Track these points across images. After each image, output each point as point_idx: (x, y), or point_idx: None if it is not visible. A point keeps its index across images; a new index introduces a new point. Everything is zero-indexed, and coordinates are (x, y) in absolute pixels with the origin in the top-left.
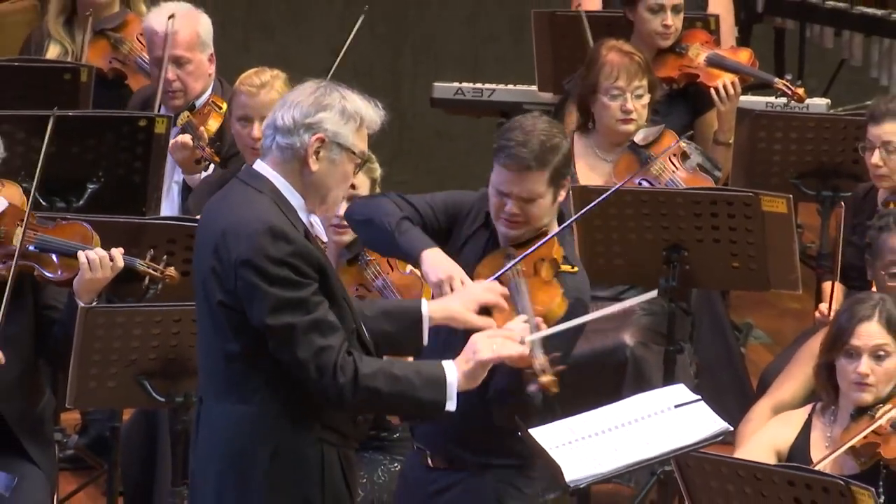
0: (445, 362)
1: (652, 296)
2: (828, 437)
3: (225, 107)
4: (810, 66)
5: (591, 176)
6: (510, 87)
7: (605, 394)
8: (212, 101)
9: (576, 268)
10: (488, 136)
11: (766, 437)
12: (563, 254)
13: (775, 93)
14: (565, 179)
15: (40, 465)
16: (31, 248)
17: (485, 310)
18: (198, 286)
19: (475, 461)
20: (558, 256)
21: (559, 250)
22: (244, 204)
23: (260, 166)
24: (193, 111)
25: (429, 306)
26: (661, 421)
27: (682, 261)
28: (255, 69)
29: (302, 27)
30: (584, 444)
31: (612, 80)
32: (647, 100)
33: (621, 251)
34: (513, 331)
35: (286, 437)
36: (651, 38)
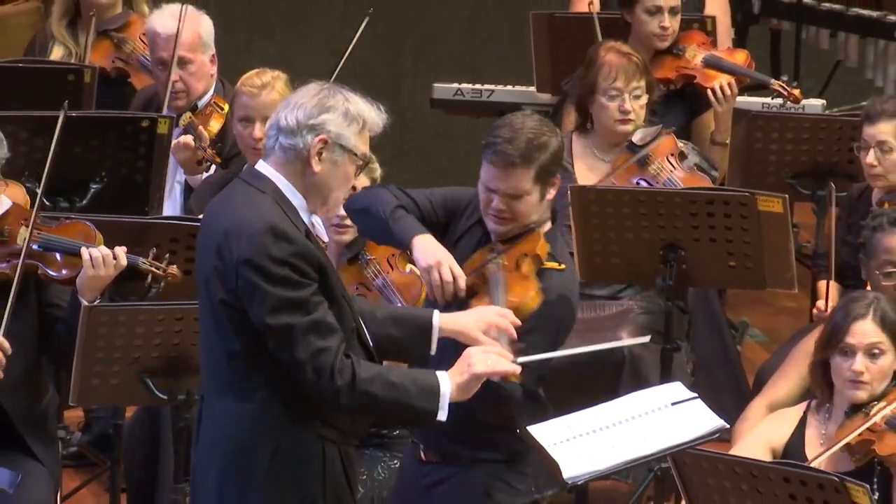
0: (440, 373)
1: (644, 340)
2: (823, 435)
3: (227, 107)
4: (806, 68)
5: (589, 176)
6: (509, 87)
7: (603, 391)
8: (214, 101)
9: (563, 265)
10: None
11: (761, 434)
12: (549, 251)
13: (771, 94)
14: (554, 177)
15: (44, 462)
16: (35, 247)
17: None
18: (200, 285)
19: (466, 455)
20: (542, 253)
21: (544, 247)
22: (246, 204)
23: (262, 167)
24: (195, 112)
25: (440, 318)
26: (658, 418)
27: (678, 260)
28: (256, 70)
29: (302, 28)
30: (581, 442)
31: (610, 81)
32: (644, 100)
33: (618, 250)
34: (504, 349)
35: (287, 435)
36: (648, 40)
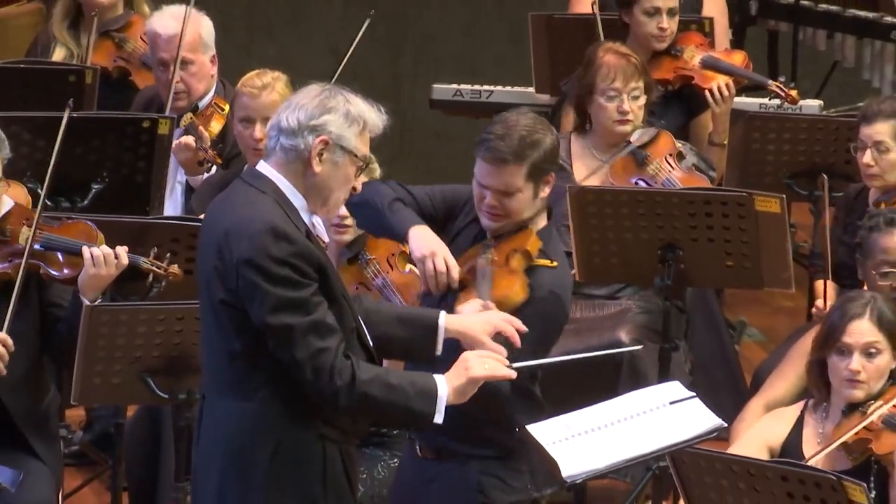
0: (437, 376)
1: (637, 349)
2: (820, 434)
3: (227, 108)
4: (803, 68)
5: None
6: (508, 88)
7: (602, 390)
8: (214, 102)
9: (555, 262)
10: None
11: (758, 433)
12: (541, 247)
13: (769, 95)
14: (548, 175)
15: (45, 460)
16: (37, 246)
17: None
18: (201, 285)
19: (460, 451)
20: (533, 249)
21: (536, 243)
22: (247, 204)
23: (263, 167)
24: (196, 112)
25: (446, 319)
26: (656, 417)
27: (677, 260)
28: (256, 71)
29: (302, 29)
30: (580, 441)
31: (608, 82)
32: (643, 101)
33: (617, 250)
34: (501, 353)
35: (288, 434)
36: (647, 41)
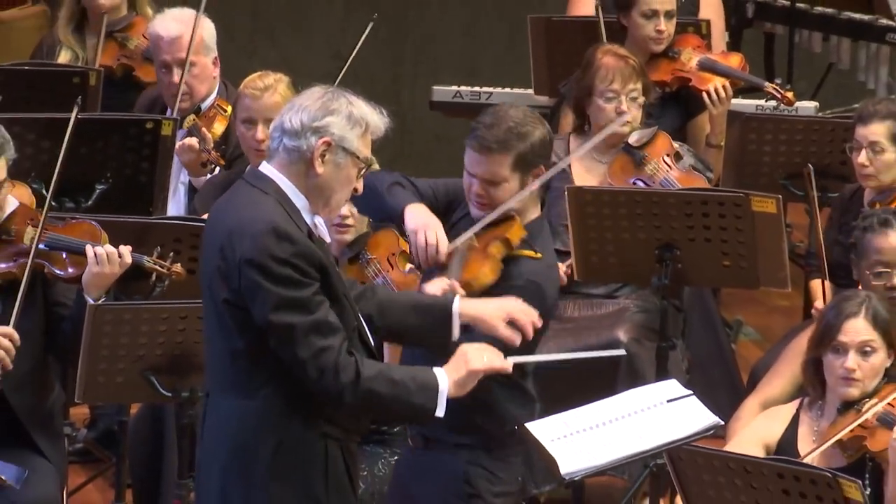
0: (437, 369)
1: (620, 353)
2: (815, 432)
3: (230, 110)
4: (799, 70)
5: (586, 177)
6: (507, 90)
7: (600, 389)
8: (217, 104)
9: (540, 254)
10: None
11: (754, 431)
12: (525, 238)
13: (765, 96)
14: (536, 168)
15: (50, 458)
16: (42, 246)
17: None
18: (204, 285)
19: (447, 440)
20: (514, 238)
21: (518, 233)
22: (249, 205)
23: (266, 168)
24: (199, 114)
25: (460, 304)
26: (653, 415)
27: (674, 259)
28: (258, 73)
29: (304, 32)
30: (579, 438)
31: (607, 83)
32: (641, 102)
33: (615, 250)
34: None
35: (290, 432)
36: (644, 43)
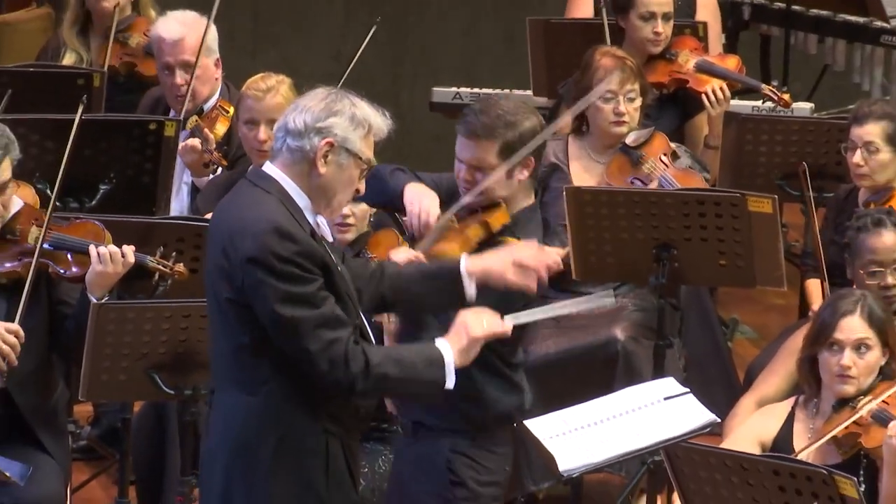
0: (439, 341)
1: (610, 300)
2: (810, 429)
3: (232, 111)
4: (795, 72)
5: (584, 177)
6: (506, 91)
7: (598, 387)
8: (219, 105)
9: (521, 242)
10: None
11: (751, 428)
12: (507, 224)
13: (762, 98)
14: (526, 158)
15: (54, 455)
16: (47, 245)
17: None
18: (208, 284)
19: (432, 425)
20: (495, 224)
21: (500, 219)
22: (252, 204)
23: (269, 168)
24: (201, 115)
25: (467, 262)
26: (651, 413)
27: (671, 259)
28: (261, 74)
29: (305, 35)
30: (577, 435)
31: (605, 84)
32: (638, 103)
33: (613, 250)
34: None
35: (292, 428)
36: (642, 45)
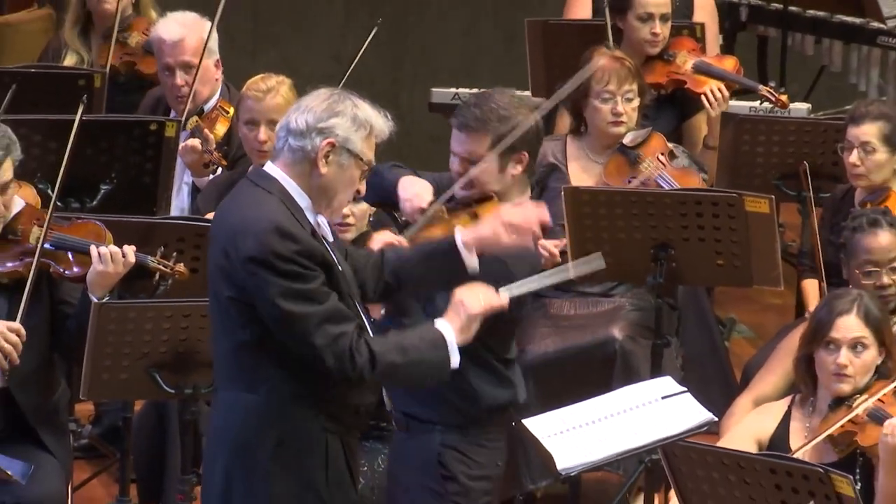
0: (439, 322)
1: (599, 264)
2: (807, 428)
3: (232, 111)
4: (792, 73)
5: (583, 177)
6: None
7: (596, 386)
8: (220, 105)
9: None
10: None
11: (747, 427)
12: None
13: (759, 99)
14: (518, 153)
15: (55, 453)
16: (48, 245)
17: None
18: (210, 283)
19: (423, 417)
20: (483, 215)
21: (490, 209)
22: (253, 204)
23: (270, 168)
24: (202, 115)
25: (461, 234)
26: (648, 411)
27: (668, 259)
28: (261, 75)
29: (305, 36)
30: (575, 434)
31: (603, 84)
32: (636, 103)
33: (611, 250)
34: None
35: (292, 426)
36: (640, 46)
